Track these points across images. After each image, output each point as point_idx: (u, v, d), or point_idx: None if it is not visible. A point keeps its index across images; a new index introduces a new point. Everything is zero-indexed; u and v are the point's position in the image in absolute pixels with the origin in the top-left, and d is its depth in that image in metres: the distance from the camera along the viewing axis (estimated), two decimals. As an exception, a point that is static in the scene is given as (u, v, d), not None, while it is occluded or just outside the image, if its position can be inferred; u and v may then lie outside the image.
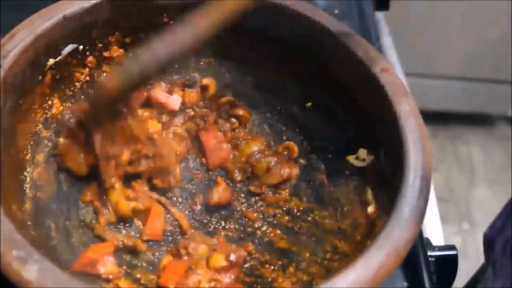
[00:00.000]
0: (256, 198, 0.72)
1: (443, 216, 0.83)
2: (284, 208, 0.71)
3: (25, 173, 0.62)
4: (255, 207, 0.71)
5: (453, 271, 0.68)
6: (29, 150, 0.63)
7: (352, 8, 0.96)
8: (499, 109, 1.99)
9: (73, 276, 0.49)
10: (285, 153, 0.73)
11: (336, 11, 0.94)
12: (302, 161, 0.73)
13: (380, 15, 1.06)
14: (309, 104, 0.73)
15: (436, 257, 0.69)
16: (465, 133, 2.02)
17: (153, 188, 0.69)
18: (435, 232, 0.82)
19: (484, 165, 1.95)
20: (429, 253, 0.68)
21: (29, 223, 0.59)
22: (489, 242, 0.62)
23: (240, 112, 0.75)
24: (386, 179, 0.63)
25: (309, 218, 0.69)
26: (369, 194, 0.65)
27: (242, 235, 0.69)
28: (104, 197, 0.66)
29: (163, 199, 0.69)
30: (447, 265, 0.68)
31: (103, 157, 0.64)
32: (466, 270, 0.69)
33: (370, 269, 0.51)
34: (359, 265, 0.51)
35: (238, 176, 0.73)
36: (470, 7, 1.73)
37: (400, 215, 0.55)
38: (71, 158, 0.65)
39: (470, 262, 1.65)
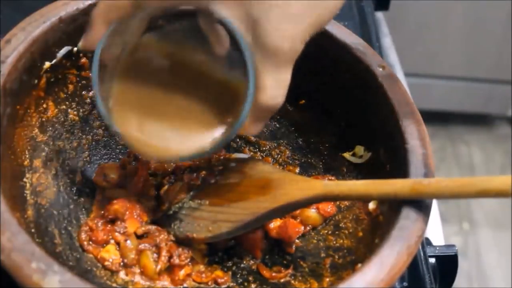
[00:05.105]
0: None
1: (443, 216, 0.83)
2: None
3: (24, 179, 0.61)
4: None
5: (453, 271, 0.68)
6: (27, 156, 0.63)
7: (352, 8, 0.95)
8: (499, 109, 1.99)
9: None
10: None
11: (336, 11, 0.94)
12: (297, 158, 0.73)
13: (380, 15, 1.06)
14: (302, 101, 0.73)
15: (436, 257, 0.69)
16: (465, 133, 2.02)
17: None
18: (435, 232, 0.81)
19: (484, 165, 1.94)
20: (429, 253, 0.68)
21: (32, 230, 0.58)
22: None
23: None
24: (387, 176, 0.62)
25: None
26: None
27: None
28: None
29: None
30: (447, 265, 0.68)
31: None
32: (466, 270, 0.69)
33: (385, 268, 0.51)
34: (374, 265, 0.51)
35: None
36: (470, 7, 1.73)
37: (408, 212, 0.55)
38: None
39: (470, 262, 1.65)
